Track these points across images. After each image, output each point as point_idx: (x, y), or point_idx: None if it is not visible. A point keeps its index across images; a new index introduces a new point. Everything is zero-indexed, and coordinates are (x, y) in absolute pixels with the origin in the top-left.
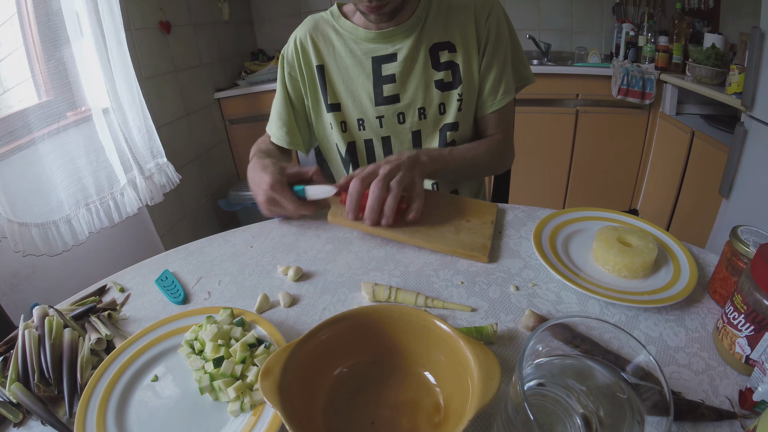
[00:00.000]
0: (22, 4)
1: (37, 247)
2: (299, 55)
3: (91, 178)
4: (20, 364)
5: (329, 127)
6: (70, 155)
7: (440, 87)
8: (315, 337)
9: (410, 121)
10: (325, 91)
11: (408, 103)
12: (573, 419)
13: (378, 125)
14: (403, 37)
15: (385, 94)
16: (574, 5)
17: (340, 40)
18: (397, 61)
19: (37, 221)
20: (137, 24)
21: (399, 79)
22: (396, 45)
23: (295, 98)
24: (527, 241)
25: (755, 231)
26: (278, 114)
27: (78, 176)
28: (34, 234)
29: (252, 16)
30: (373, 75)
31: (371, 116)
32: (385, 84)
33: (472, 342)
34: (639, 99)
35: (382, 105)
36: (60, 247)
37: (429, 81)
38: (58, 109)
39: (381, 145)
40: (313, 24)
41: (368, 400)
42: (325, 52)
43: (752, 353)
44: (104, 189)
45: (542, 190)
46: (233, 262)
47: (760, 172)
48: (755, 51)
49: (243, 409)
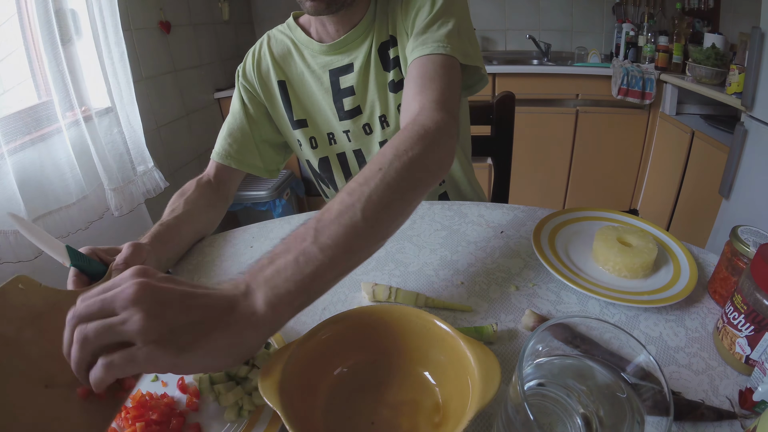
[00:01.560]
0: (22, 4)
1: (15, 253)
2: (258, 71)
3: (59, 186)
4: None
5: (297, 144)
6: (42, 163)
7: (392, 88)
8: (315, 337)
9: (377, 131)
10: (289, 108)
11: (369, 113)
12: (573, 419)
13: (346, 140)
14: (357, 44)
15: (346, 108)
16: (574, 5)
17: (298, 53)
18: (353, 72)
19: (14, 228)
20: (137, 24)
21: (357, 90)
22: (351, 54)
23: (256, 115)
24: (527, 241)
25: (755, 231)
26: (229, 131)
27: (47, 183)
28: (11, 241)
29: (252, 16)
30: (332, 89)
31: (338, 131)
32: (344, 97)
33: (472, 342)
34: (639, 99)
35: (346, 119)
36: (32, 253)
37: (384, 85)
38: (63, 108)
39: (354, 157)
40: (271, 38)
41: (368, 400)
42: (284, 67)
43: (752, 353)
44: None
45: (542, 190)
46: (233, 262)
47: (760, 172)
48: (755, 51)
49: (241, 414)
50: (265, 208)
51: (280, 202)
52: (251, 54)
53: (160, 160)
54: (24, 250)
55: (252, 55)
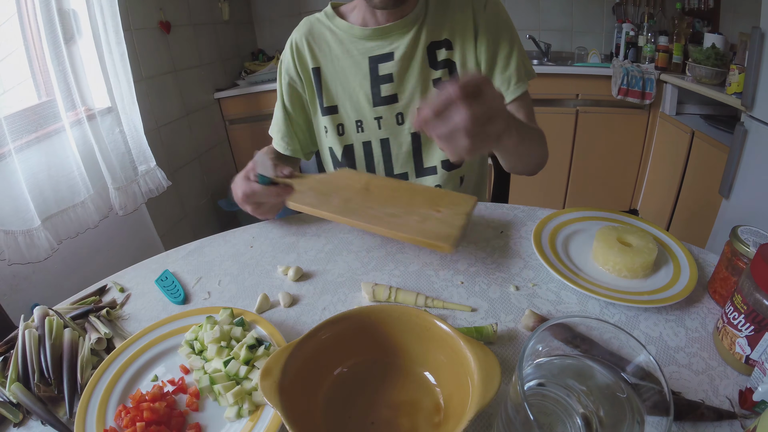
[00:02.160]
0: (22, 4)
1: (23, 254)
2: (295, 58)
3: (65, 186)
4: (20, 364)
5: (323, 130)
6: (48, 163)
7: (438, 86)
8: (315, 337)
9: (409, 122)
10: (320, 94)
11: (406, 104)
12: (573, 419)
13: (377, 126)
14: (401, 34)
15: (383, 94)
16: (574, 5)
17: (336, 40)
18: (394, 60)
19: (23, 228)
20: (137, 24)
21: (396, 78)
22: (393, 43)
23: (292, 103)
24: (527, 241)
25: (755, 231)
26: (276, 119)
27: (54, 183)
28: (20, 242)
29: (252, 16)
30: (370, 75)
31: (369, 117)
32: (382, 84)
33: (472, 342)
34: (639, 99)
35: (380, 105)
36: (42, 255)
37: (427, 80)
38: (54, 111)
39: (380, 147)
40: (308, 26)
41: (368, 400)
42: (320, 54)
43: (752, 353)
44: (67, 199)
45: (542, 190)
46: (233, 262)
47: (760, 172)
48: (755, 51)
49: (241, 414)
50: None
51: None
52: (290, 43)
53: (161, 160)
54: (33, 251)
55: (290, 44)
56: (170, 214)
